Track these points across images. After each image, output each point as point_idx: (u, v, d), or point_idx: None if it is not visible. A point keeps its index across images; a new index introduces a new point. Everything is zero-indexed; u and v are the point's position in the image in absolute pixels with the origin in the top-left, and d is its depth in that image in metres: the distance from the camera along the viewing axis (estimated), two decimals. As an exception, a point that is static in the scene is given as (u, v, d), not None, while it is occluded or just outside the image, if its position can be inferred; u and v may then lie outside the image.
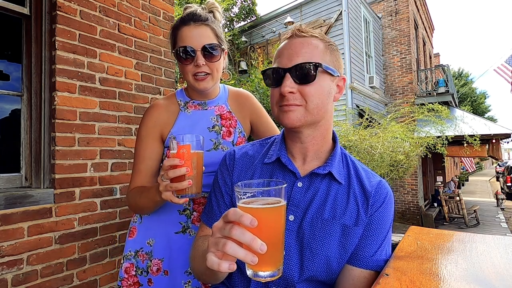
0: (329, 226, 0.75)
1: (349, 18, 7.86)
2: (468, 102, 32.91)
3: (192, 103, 1.14)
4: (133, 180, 1.07)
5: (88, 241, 1.94)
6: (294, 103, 0.74)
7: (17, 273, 1.62)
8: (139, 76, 2.29)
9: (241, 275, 0.81)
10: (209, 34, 1.02)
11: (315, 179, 0.80)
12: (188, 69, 1.03)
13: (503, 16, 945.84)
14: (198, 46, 1.00)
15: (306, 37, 0.75)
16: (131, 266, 1.12)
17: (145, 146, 1.08)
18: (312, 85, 0.73)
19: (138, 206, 1.03)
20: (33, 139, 1.83)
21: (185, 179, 0.79)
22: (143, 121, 1.11)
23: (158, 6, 2.42)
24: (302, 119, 0.75)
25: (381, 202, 0.78)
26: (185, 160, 0.79)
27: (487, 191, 18.70)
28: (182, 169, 0.78)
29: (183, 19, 1.03)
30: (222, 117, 1.15)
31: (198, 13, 1.03)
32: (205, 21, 1.02)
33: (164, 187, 0.83)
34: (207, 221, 0.87)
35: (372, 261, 0.74)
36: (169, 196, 0.83)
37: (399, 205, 9.63)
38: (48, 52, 1.85)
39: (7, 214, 1.60)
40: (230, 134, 1.14)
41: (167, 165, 0.79)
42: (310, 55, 0.73)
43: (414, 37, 10.57)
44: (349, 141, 4.83)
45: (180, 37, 1.02)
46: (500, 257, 0.70)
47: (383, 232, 0.77)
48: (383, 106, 9.67)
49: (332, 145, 0.86)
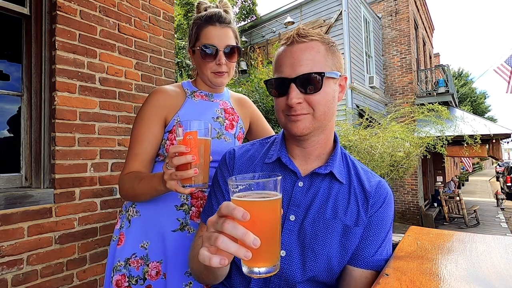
0: (331, 226, 0.75)
1: (349, 18, 7.86)
2: (468, 102, 32.92)
3: (199, 92, 1.16)
4: (129, 164, 1.02)
5: (88, 241, 1.94)
6: (302, 113, 0.74)
7: (17, 273, 1.62)
8: (139, 76, 2.29)
9: (241, 275, 0.81)
10: (231, 35, 1.09)
11: (316, 178, 0.80)
12: (208, 66, 1.07)
13: (503, 16, 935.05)
14: (222, 46, 1.06)
15: (307, 42, 0.74)
16: (122, 277, 1.03)
17: (147, 128, 1.04)
18: (318, 93, 0.73)
19: (135, 192, 0.97)
20: (33, 139, 1.83)
21: (191, 167, 0.75)
22: (147, 102, 1.07)
23: (158, 6, 2.42)
24: (311, 127, 0.75)
25: (381, 202, 0.78)
26: (191, 147, 0.75)
27: (487, 191, 18.70)
28: (188, 157, 0.74)
29: (210, 19, 1.07)
30: (225, 111, 1.18)
31: (224, 15, 1.08)
32: (229, 24, 1.09)
33: (169, 176, 0.78)
34: (206, 220, 0.87)
35: (373, 261, 0.74)
36: (174, 185, 0.79)
37: (399, 205, 9.63)
38: (48, 52, 1.85)
39: (7, 214, 1.60)
40: (232, 127, 1.17)
41: (173, 152, 0.75)
42: (313, 62, 0.72)
43: (414, 37, 10.57)
44: (349, 141, 4.83)
45: (204, 35, 1.06)
46: (500, 257, 0.70)
47: (383, 232, 0.77)
48: (383, 106, 9.67)
49: (333, 145, 0.86)
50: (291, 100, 0.72)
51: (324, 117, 0.75)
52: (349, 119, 6.63)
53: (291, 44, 0.75)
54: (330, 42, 0.78)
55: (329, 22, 8.03)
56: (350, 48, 7.81)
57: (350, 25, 7.86)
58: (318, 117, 0.74)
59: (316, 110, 0.74)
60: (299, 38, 0.74)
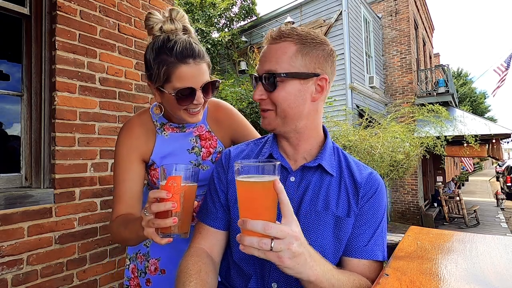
0: (323, 218, 0.77)
1: (349, 18, 7.86)
2: (467, 102, 32.91)
3: (169, 125, 1.07)
4: (116, 208, 0.97)
5: (88, 241, 1.94)
6: (266, 108, 0.80)
7: (17, 273, 1.62)
8: (139, 76, 2.28)
9: (240, 275, 0.82)
10: (206, 69, 0.95)
11: (307, 172, 0.82)
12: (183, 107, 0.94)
13: (503, 16, 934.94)
14: (198, 86, 0.92)
15: (278, 43, 0.77)
16: (134, 267, 1.16)
17: (124, 169, 0.99)
18: (277, 91, 0.77)
19: (122, 238, 0.92)
20: (33, 139, 1.83)
21: (170, 215, 0.70)
22: (119, 143, 1.02)
23: (158, 6, 2.42)
24: (273, 123, 0.80)
25: (372, 192, 0.80)
26: (173, 194, 0.69)
27: (487, 191, 18.69)
28: (167, 204, 0.68)
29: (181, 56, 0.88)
30: (201, 138, 1.10)
31: (195, 48, 0.91)
32: (203, 58, 0.93)
33: (147, 223, 0.72)
34: (203, 220, 0.88)
35: (366, 251, 0.75)
36: (151, 233, 0.72)
37: (399, 205, 9.63)
38: (48, 52, 1.85)
39: (7, 214, 1.60)
40: (209, 154, 1.10)
41: (152, 197, 0.70)
42: (275, 62, 0.76)
43: (414, 37, 10.56)
44: (349, 141, 4.83)
45: (177, 77, 0.89)
46: (500, 257, 0.70)
47: (375, 222, 0.78)
48: (383, 106, 9.66)
49: (323, 139, 0.88)
50: (254, 96, 0.80)
51: (286, 115, 0.78)
52: (349, 119, 6.63)
53: (267, 43, 0.80)
54: (307, 42, 0.77)
55: (329, 22, 8.02)
56: (350, 48, 7.81)
57: (350, 25, 7.85)
58: (279, 114, 0.78)
59: (277, 106, 0.78)
60: (271, 39, 0.78)
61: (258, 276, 0.78)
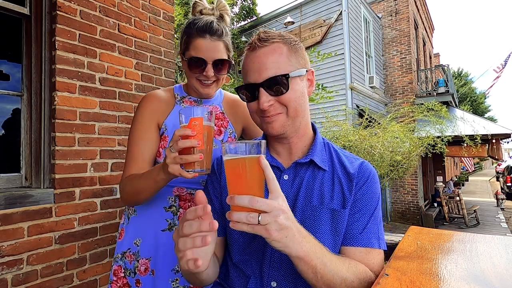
0: (319, 212, 0.77)
1: (349, 18, 7.86)
2: (468, 102, 32.92)
3: (188, 98, 1.15)
4: (127, 167, 1.02)
5: (88, 241, 1.94)
6: (275, 113, 0.77)
7: (17, 273, 1.62)
8: (139, 76, 2.29)
9: (239, 276, 0.82)
10: (222, 48, 1.04)
11: (299, 169, 0.82)
12: (195, 76, 1.05)
13: (503, 16, 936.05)
14: (210, 59, 1.02)
15: (269, 45, 0.76)
16: (119, 268, 1.12)
17: (142, 132, 1.05)
18: (287, 93, 0.75)
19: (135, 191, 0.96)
20: (33, 139, 1.83)
21: (195, 152, 0.75)
22: (140, 107, 1.09)
23: (158, 6, 2.42)
24: (286, 125, 0.78)
25: (365, 180, 0.80)
26: (197, 132, 0.74)
27: (487, 191, 18.70)
28: (193, 141, 0.73)
29: (200, 30, 1.01)
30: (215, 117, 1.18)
31: (215, 27, 1.02)
32: (221, 36, 1.03)
33: (173, 159, 0.76)
34: None
35: (362, 239, 0.76)
36: (177, 169, 0.77)
37: (399, 205, 9.63)
38: (48, 52, 1.85)
39: (7, 214, 1.60)
40: (220, 133, 1.16)
41: (178, 135, 0.74)
42: (277, 65, 0.75)
43: (414, 37, 10.57)
44: (349, 141, 4.83)
45: (193, 47, 1.02)
46: (500, 257, 0.70)
47: (370, 209, 0.79)
48: (383, 106, 9.66)
49: (313, 136, 0.88)
50: (263, 104, 0.75)
51: (297, 114, 0.78)
52: (349, 119, 6.63)
53: (254, 49, 0.77)
54: (292, 41, 0.79)
55: (329, 22, 8.02)
56: (350, 48, 7.81)
57: (350, 25, 7.85)
58: (291, 114, 0.78)
59: (288, 108, 0.77)
60: (260, 43, 0.76)
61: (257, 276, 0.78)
